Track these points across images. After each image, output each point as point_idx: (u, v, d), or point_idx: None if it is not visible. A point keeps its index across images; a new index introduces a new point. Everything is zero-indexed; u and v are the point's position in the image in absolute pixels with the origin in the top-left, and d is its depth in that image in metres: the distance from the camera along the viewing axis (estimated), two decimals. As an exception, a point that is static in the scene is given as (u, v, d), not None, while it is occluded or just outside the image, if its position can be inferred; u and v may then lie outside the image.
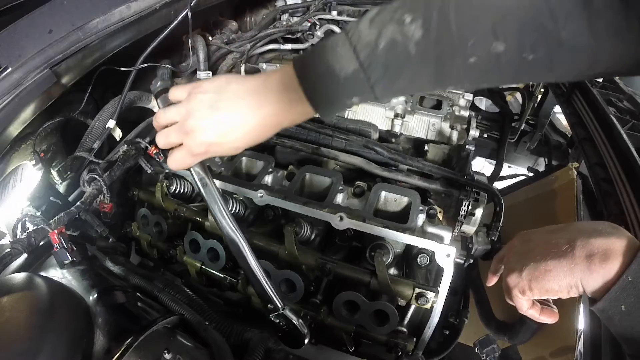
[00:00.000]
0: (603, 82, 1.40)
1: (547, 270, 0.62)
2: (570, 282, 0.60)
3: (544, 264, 0.62)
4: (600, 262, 0.57)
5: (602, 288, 0.57)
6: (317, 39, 1.91)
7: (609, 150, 1.09)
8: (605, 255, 0.57)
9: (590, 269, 0.57)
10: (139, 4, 1.11)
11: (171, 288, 0.96)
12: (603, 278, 0.56)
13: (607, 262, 0.56)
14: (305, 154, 1.31)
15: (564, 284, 0.60)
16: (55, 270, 0.91)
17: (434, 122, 1.38)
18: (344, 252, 1.10)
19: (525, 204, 1.67)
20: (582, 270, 0.58)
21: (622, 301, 0.55)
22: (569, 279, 0.60)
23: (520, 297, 0.68)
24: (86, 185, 1.11)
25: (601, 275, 0.57)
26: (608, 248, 0.57)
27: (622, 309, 0.54)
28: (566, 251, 0.60)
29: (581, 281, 0.59)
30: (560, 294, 0.62)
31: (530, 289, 0.65)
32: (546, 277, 0.62)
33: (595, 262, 0.57)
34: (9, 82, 0.91)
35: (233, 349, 0.81)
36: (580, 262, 0.58)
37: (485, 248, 1.14)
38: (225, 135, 0.67)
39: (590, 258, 0.58)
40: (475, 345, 1.33)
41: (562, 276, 0.60)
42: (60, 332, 0.69)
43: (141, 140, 1.21)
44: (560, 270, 0.60)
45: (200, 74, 1.49)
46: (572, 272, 0.59)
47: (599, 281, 0.57)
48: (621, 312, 0.55)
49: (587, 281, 0.58)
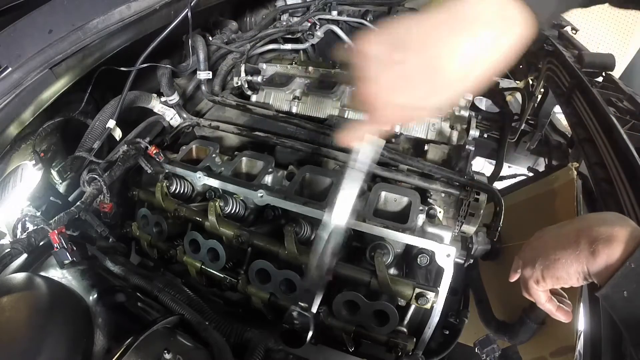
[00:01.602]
0: (603, 82, 1.40)
1: (556, 259, 0.66)
2: (578, 268, 0.63)
3: (553, 254, 0.66)
4: (603, 248, 0.59)
5: (606, 273, 0.59)
6: (317, 39, 1.92)
7: (609, 150, 1.09)
8: (608, 241, 0.59)
9: (594, 254, 0.60)
10: (139, 4, 1.11)
11: (171, 288, 0.96)
12: (606, 262, 0.59)
13: (609, 248, 0.59)
14: (305, 154, 1.31)
15: (572, 271, 0.64)
16: (55, 270, 0.92)
17: (434, 122, 1.38)
18: (344, 252, 1.10)
19: (525, 204, 1.66)
20: (586, 256, 0.61)
21: (624, 287, 0.57)
22: (575, 265, 0.63)
23: (536, 289, 0.71)
24: (86, 185, 1.11)
25: (604, 260, 0.59)
26: (611, 234, 0.60)
27: (625, 295, 0.56)
28: (572, 240, 0.64)
29: (587, 266, 0.62)
30: (570, 281, 0.65)
31: (543, 278, 0.68)
32: (556, 265, 0.65)
33: (599, 247, 0.60)
34: (9, 82, 0.91)
35: (233, 349, 0.81)
36: (585, 248, 0.62)
37: (485, 248, 1.15)
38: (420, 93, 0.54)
39: (594, 243, 0.61)
40: (475, 345, 1.33)
41: (569, 263, 0.63)
42: (60, 332, 0.69)
43: (141, 140, 1.21)
44: (568, 258, 0.64)
45: (200, 74, 1.49)
46: (578, 259, 0.62)
47: (602, 265, 0.59)
48: (623, 298, 0.56)
49: (592, 266, 0.61)
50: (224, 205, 1.12)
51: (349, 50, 0.58)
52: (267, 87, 1.55)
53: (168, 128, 1.45)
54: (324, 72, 1.60)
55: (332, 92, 1.45)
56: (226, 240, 1.07)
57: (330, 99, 1.45)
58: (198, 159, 1.33)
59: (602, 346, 0.84)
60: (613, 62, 1.46)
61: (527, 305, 1.21)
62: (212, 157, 1.25)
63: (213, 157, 1.25)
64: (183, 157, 1.29)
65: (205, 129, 1.47)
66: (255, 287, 1.04)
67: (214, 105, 1.55)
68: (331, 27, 1.93)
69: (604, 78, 1.44)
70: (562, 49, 1.60)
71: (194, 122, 1.47)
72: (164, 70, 1.39)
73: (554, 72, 1.62)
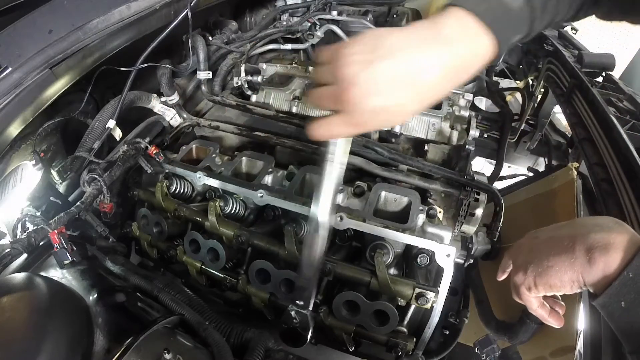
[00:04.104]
0: (603, 82, 1.40)
1: (549, 267, 0.63)
2: (572, 276, 0.60)
3: (547, 260, 0.64)
4: (600, 256, 0.57)
5: (603, 282, 0.57)
6: (317, 39, 1.92)
7: (609, 150, 1.09)
8: (605, 249, 0.57)
9: (590, 262, 0.58)
10: (139, 4, 1.11)
11: (171, 288, 0.96)
12: (603, 272, 0.57)
13: (607, 256, 0.57)
14: (306, 154, 1.31)
15: (566, 279, 0.61)
16: (55, 270, 0.92)
17: (434, 122, 1.38)
18: (344, 252, 1.10)
19: (525, 204, 1.66)
20: (582, 264, 0.59)
21: (622, 297, 0.55)
22: (570, 273, 0.61)
23: (527, 295, 0.69)
24: (86, 185, 1.11)
25: (601, 268, 0.57)
26: (608, 242, 0.57)
27: (622, 305, 0.55)
28: (567, 246, 0.61)
29: (582, 275, 0.59)
30: (564, 289, 0.63)
31: (535, 285, 0.66)
32: (549, 272, 0.63)
33: (595, 255, 0.58)
34: (9, 82, 0.91)
35: (233, 349, 0.81)
36: (580, 255, 0.59)
37: (485, 248, 1.15)
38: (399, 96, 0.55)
39: (590, 251, 0.58)
40: (475, 345, 1.34)
41: (563, 271, 0.61)
42: (60, 332, 0.69)
43: (141, 140, 1.21)
44: (562, 265, 0.61)
45: (200, 74, 1.49)
46: (572, 267, 0.60)
47: (599, 274, 0.57)
48: (621, 308, 0.55)
49: (588, 274, 0.59)
50: (224, 205, 1.12)
51: (328, 50, 0.59)
52: (267, 87, 1.55)
53: (168, 128, 1.45)
54: (324, 72, 1.59)
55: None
56: (226, 240, 1.07)
57: (330, 99, 1.45)
58: (198, 159, 1.33)
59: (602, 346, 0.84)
60: (613, 62, 1.46)
61: (527, 305, 1.21)
62: (212, 157, 1.25)
63: (213, 157, 1.25)
64: (183, 157, 1.29)
65: (205, 129, 1.47)
66: (255, 287, 1.04)
67: (214, 105, 1.55)
68: (331, 27, 1.93)
69: (604, 78, 1.44)
70: (562, 49, 1.61)
71: (194, 122, 1.47)
72: (164, 70, 1.39)
73: (554, 72, 1.62)
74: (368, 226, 0.98)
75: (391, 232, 0.96)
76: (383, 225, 0.98)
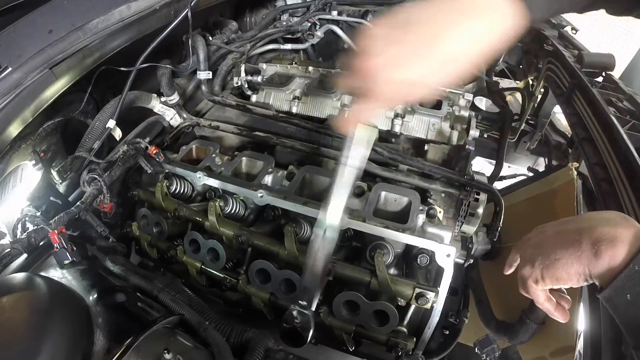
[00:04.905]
0: (603, 82, 1.40)
1: (556, 259, 0.64)
2: (579, 269, 0.62)
3: (554, 253, 0.65)
4: (606, 249, 0.58)
5: (609, 275, 0.58)
6: (317, 39, 1.92)
7: (609, 150, 1.09)
8: (611, 243, 0.58)
9: (597, 255, 0.59)
10: (139, 4, 1.11)
11: (171, 288, 0.96)
12: (609, 265, 0.58)
13: (613, 249, 0.57)
14: (305, 154, 1.31)
15: (572, 272, 0.62)
16: (55, 270, 0.92)
17: (434, 122, 1.38)
18: (344, 252, 1.10)
19: (525, 204, 1.66)
20: (588, 257, 0.60)
21: (627, 290, 0.56)
22: (576, 266, 0.62)
23: (534, 288, 0.70)
24: (86, 185, 1.11)
25: (607, 261, 0.58)
26: (615, 236, 0.58)
27: (628, 298, 0.56)
28: (574, 240, 0.63)
29: (588, 268, 0.60)
30: (570, 282, 0.64)
31: (542, 278, 0.67)
32: (556, 265, 0.64)
33: (602, 248, 0.59)
34: (9, 82, 0.91)
35: (233, 349, 0.81)
36: (587, 249, 0.60)
37: (485, 248, 1.15)
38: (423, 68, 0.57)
39: (597, 245, 0.59)
40: (475, 345, 1.33)
41: (570, 264, 0.62)
42: (60, 332, 0.69)
43: (141, 140, 1.21)
44: (569, 258, 0.62)
45: (200, 74, 1.49)
46: (579, 260, 0.61)
47: (604, 267, 0.58)
48: (626, 301, 0.56)
49: (594, 267, 0.60)
50: (224, 205, 1.12)
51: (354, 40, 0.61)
52: (267, 87, 1.55)
53: (168, 128, 1.45)
54: (324, 72, 1.59)
55: (332, 92, 1.45)
56: (226, 240, 1.07)
57: (330, 99, 1.45)
58: (198, 159, 1.33)
59: (602, 346, 0.84)
60: (613, 62, 1.46)
61: (527, 305, 1.21)
62: (212, 157, 1.25)
63: (213, 157, 1.25)
64: (183, 157, 1.29)
65: (205, 129, 1.47)
66: (255, 287, 1.04)
67: (214, 105, 1.55)
68: (331, 27, 1.93)
69: (604, 78, 1.44)
70: (562, 49, 1.60)
71: (194, 122, 1.47)
72: (164, 70, 1.39)
73: (554, 72, 1.62)
74: (368, 226, 0.98)
75: (391, 232, 0.96)
76: (383, 225, 0.98)
